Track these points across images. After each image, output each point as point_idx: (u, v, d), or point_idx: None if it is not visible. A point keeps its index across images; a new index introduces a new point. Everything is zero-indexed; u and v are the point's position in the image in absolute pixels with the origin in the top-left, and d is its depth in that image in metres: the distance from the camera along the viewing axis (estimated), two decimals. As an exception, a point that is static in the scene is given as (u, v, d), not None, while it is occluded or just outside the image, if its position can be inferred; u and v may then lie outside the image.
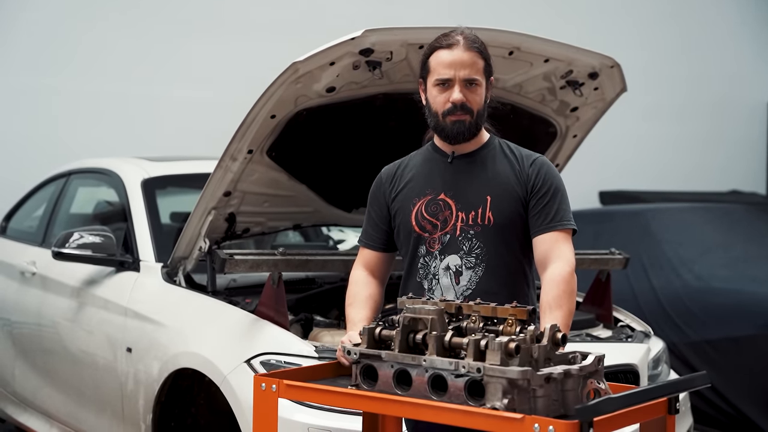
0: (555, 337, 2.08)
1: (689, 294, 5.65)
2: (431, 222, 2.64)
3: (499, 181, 2.63)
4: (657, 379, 3.71)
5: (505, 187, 2.63)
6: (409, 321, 2.15)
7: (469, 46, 2.61)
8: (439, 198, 2.65)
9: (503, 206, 2.62)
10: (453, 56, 2.59)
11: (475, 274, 2.60)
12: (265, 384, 2.24)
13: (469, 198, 2.63)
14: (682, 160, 9.39)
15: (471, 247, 2.60)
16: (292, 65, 3.18)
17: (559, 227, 2.60)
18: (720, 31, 9.66)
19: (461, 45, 2.60)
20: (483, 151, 2.69)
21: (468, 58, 2.59)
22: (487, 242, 2.60)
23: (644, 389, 2.05)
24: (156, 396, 3.51)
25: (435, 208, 2.64)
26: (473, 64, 2.60)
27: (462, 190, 2.64)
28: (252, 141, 3.40)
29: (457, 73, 2.59)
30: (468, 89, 2.60)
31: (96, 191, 5.01)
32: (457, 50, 2.60)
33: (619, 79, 3.75)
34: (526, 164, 2.66)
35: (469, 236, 2.61)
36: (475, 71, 2.60)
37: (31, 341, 4.53)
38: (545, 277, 2.56)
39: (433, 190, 2.66)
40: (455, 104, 2.59)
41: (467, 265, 2.61)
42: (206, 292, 3.62)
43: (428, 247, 2.64)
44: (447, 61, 2.59)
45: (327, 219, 4.07)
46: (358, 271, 2.78)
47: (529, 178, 2.64)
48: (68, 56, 6.85)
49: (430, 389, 2.06)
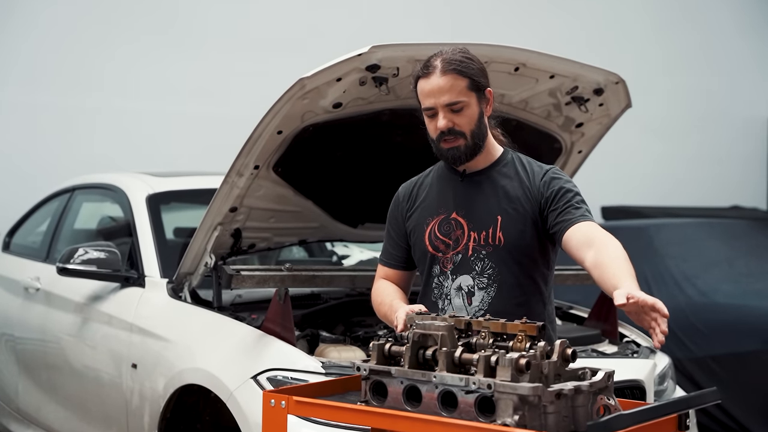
0: (565, 353, 2.08)
1: (693, 309, 5.64)
2: (444, 242, 2.63)
3: (509, 201, 2.62)
4: (663, 395, 3.70)
5: (515, 207, 2.61)
6: (419, 337, 2.15)
7: (445, 70, 2.55)
8: (452, 217, 2.64)
9: (513, 226, 2.60)
10: (431, 84, 2.55)
11: (487, 294, 2.59)
12: (274, 400, 2.23)
13: (480, 217, 2.62)
14: (684, 176, 9.40)
15: (483, 268, 2.60)
16: (299, 81, 3.19)
17: (587, 219, 2.53)
18: (721, 47, 9.69)
19: (438, 70, 2.55)
20: (495, 168, 2.67)
21: (445, 83, 2.54)
22: (499, 262, 2.59)
23: (655, 405, 2.05)
24: (161, 412, 3.50)
25: (447, 227, 2.64)
26: (452, 87, 2.55)
27: (473, 209, 2.63)
28: (258, 156, 3.40)
29: (437, 100, 2.55)
30: (453, 113, 2.56)
31: (100, 206, 5.02)
32: (433, 77, 2.55)
33: (624, 95, 3.76)
34: (537, 180, 2.63)
35: (481, 256, 2.60)
36: (455, 94, 2.55)
37: (35, 357, 4.53)
38: (596, 247, 2.40)
39: (446, 210, 2.66)
40: (442, 131, 2.57)
41: (479, 286, 2.60)
42: (212, 307, 3.62)
43: (441, 266, 2.64)
44: (426, 90, 2.57)
45: (333, 234, 4.07)
46: (379, 282, 2.78)
47: (540, 194, 2.61)
48: (73, 72, 6.88)
49: (440, 405, 2.06)
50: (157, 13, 7.20)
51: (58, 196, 5.11)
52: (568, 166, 4.09)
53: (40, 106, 6.74)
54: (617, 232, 6.68)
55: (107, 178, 4.72)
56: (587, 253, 2.43)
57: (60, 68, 6.81)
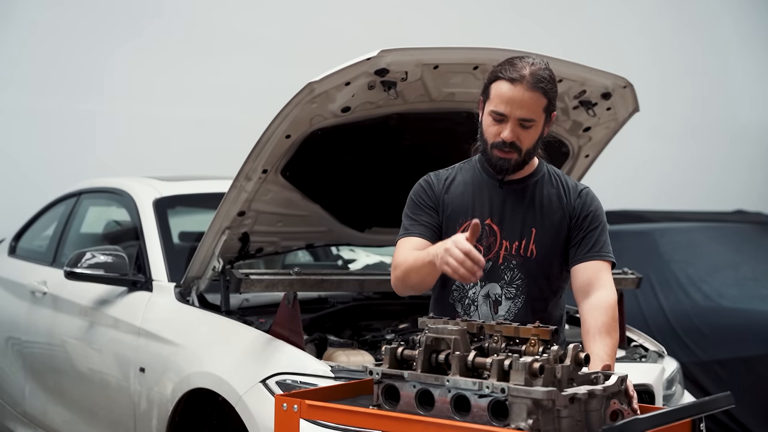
0: (578, 357, 2.08)
1: (698, 314, 5.64)
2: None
3: (545, 214, 2.62)
4: (671, 400, 3.70)
5: (551, 221, 2.62)
6: (432, 341, 2.15)
7: (533, 85, 2.49)
8: (486, 223, 2.62)
9: (547, 240, 2.60)
10: (513, 93, 2.49)
11: (514, 305, 2.59)
12: (287, 404, 2.23)
13: (515, 227, 2.61)
14: (688, 180, 9.41)
15: (512, 278, 2.59)
16: (307, 85, 3.19)
17: (601, 257, 2.59)
18: (726, 52, 9.70)
19: (525, 83, 2.49)
20: (532, 179, 2.67)
21: (528, 98, 2.49)
22: (528, 274, 2.59)
23: (670, 410, 2.05)
24: (169, 416, 3.49)
25: (480, 232, 2.59)
26: (533, 104, 2.50)
27: (508, 218, 2.62)
28: (267, 161, 3.40)
29: (514, 111, 2.50)
30: (522, 129, 2.53)
31: (107, 211, 5.01)
32: (519, 88, 2.49)
33: (632, 99, 3.76)
34: (573, 196, 2.65)
35: (511, 266, 2.60)
36: (532, 112, 2.51)
37: (42, 361, 4.53)
38: (590, 303, 2.52)
39: (480, 214, 2.62)
40: (505, 141, 2.54)
41: (507, 296, 2.59)
42: (220, 311, 3.61)
43: None
44: (506, 97, 2.50)
45: (340, 239, 4.07)
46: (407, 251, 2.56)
47: (574, 210, 2.63)
48: (79, 77, 6.87)
49: (453, 409, 2.05)
50: (163, 17, 7.20)
51: (64, 200, 5.11)
52: (575, 171, 4.09)
53: (40, 110, 6.73)
54: (622, 236, 6.72)
55: (114, 182, 4.72)
56: (582, 299, 2.55)
57: (66, 74, 6.80)
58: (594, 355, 2.40)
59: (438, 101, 3.49)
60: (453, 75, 3.39)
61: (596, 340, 2.45)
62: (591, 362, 2.29)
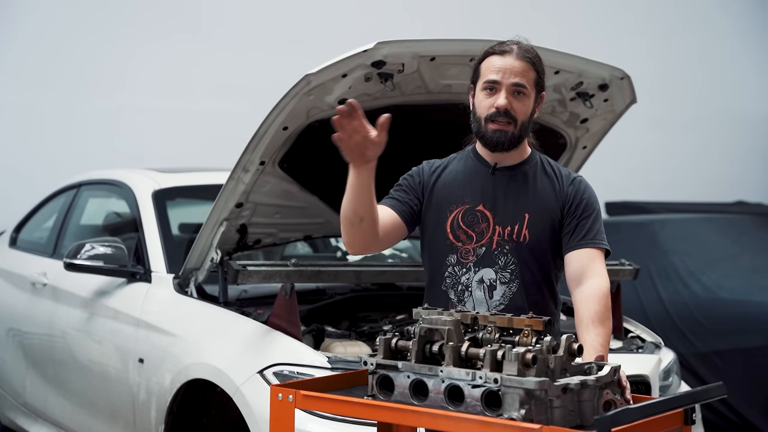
0: (571, 347, 2.09)
1: (697, 305, 5.65)
2: (467, 233, 2.62)
3: (539, 200, 2.63)
4: (668, 390, 3.72)
5: (544, 206, 2.63)
6: (426, 331, 2.16)
7: (522, 56, 2.59)
8: (477, 209, 2.63)
9: (539, 225, 2.61)
10: (504, 62, 2.58)
11: (509, 289, 2.60)
12: (282, 394, 2.24)
13: (508, 213, 2.62)
14: (688, 171, 9.41)
15: (506, 263, 2.60)
16: (304, 77, 3.20)
17: (594, 245, 2.60)
18: (726, 43, 9.68)
19: (514, 53, 2.59)
20: (525, 166, 2.68)
21: (519, 66, 2.57)
22: (521, 259, 2.60)
23: (662, 400, 2.06)
24: (168, 407, 3.51)
25: (472, 218, 2.62)
26: (524, 72, 2.58)
27: (501, 203, 2.63)
28: (264, 152, 3.41)
29: (506, 78, 2.56)
30: (515, 97, 2.57)
31: (106, 202, 5.03)
32: (509, 57, 2.58)
33: (629, 90, 3.76)
34: (566, 183, 2.66)
35: (504, 251, 2.60)
36: (524, 79, 2.58)
37: (42, 352, 4.55)
38: (582, 291, 2.54)
39: (472, 200, 2.64)
40: (499, 109, 2.56)
41: (501, 280, 2.60)
42: (218, 303, 3.63)
43: (460, 257, 2.62)
44: (497, 66, 2.57)
45: (338, 230, 4.05)
46: None
47: (567, 197, 2.64)
48: (78, 68, 6.88)
49: (446, 400, 2.07)
50: (160, 8, 7.20)
51: (64, 192, 5.13)
52: (572, 162, 4.09)
53: (37, 103, 6.75)
54: (621, 227, 6.72)
55: (113, 174, 4.73)
56: (575, 288, 2.57)
57: (59, 65, 6.81)
58: (587, 344, 2.41)
59: (435, 93, 3.50)
60: (449, 67, 3.40)
61: (589, 330, 2.47)
62: (584, 352, 2.30)
